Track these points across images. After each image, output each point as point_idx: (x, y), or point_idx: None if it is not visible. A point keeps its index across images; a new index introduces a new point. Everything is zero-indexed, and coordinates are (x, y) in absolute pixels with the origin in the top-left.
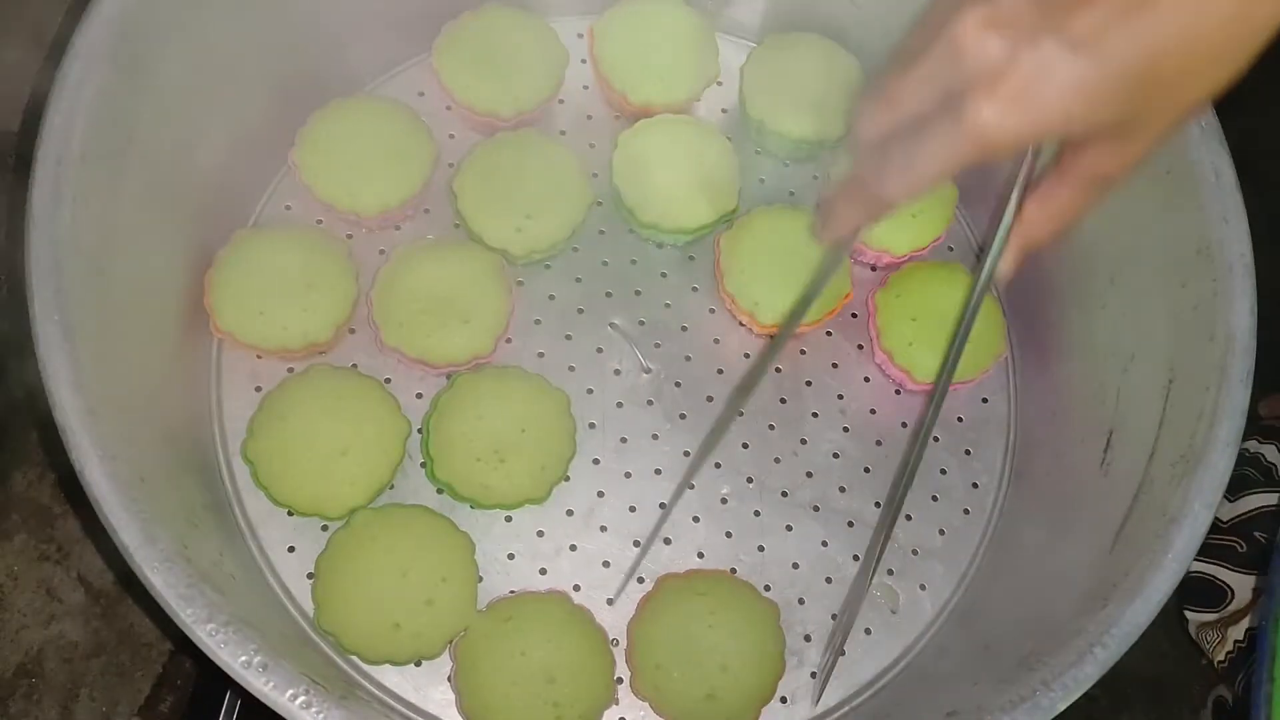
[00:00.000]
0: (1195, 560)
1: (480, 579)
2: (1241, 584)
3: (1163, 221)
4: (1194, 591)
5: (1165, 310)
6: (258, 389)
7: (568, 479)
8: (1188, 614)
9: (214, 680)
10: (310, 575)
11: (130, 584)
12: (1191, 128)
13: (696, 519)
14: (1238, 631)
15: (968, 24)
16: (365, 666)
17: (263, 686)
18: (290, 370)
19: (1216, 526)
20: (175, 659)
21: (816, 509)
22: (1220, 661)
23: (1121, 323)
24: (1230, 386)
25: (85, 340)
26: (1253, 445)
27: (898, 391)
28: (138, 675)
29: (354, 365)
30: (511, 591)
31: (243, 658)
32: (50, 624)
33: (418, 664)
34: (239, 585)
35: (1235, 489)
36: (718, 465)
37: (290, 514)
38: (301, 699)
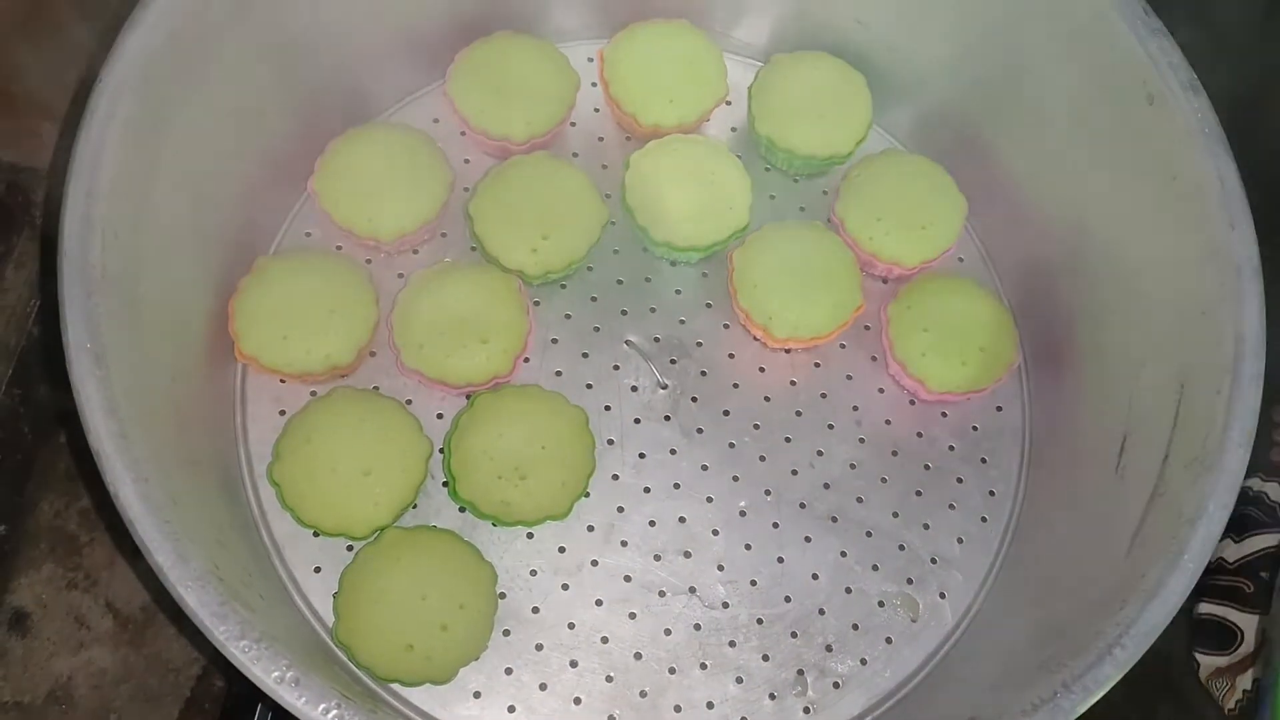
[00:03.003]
0: (1204, 601)
1: (503, 595)
2: (1250, 624)
3: (1170, 227)
4: (1205, 634)
5: (1174, 315)
6: (282, 412)
7: (588, 495)
8: (1199, 658)
9: (242, 703)
10: (335, 594)
11: (159, 608)
12: (1196, 134)
13: (716, 532)
14: (1246, 680)
15: None
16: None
17: (295, 701)
18: (313, 393)
19: (1223, 568)
20: (203, 682)
21: (835, 520)
22: (1230, 710)
23: (1132, 329)
24: (1241, 388)
25: (116, 367)
26: (1256, 484)
27: (912, 402)
28: (166, 699)
29: (375, 387)
30: (501, 595)
31: (275, 673)
32: (79, 651)
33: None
34: (267, 604)
35: (1239, 529)
36: (735, 478)
37: (316, 535)
38: (334, 713)
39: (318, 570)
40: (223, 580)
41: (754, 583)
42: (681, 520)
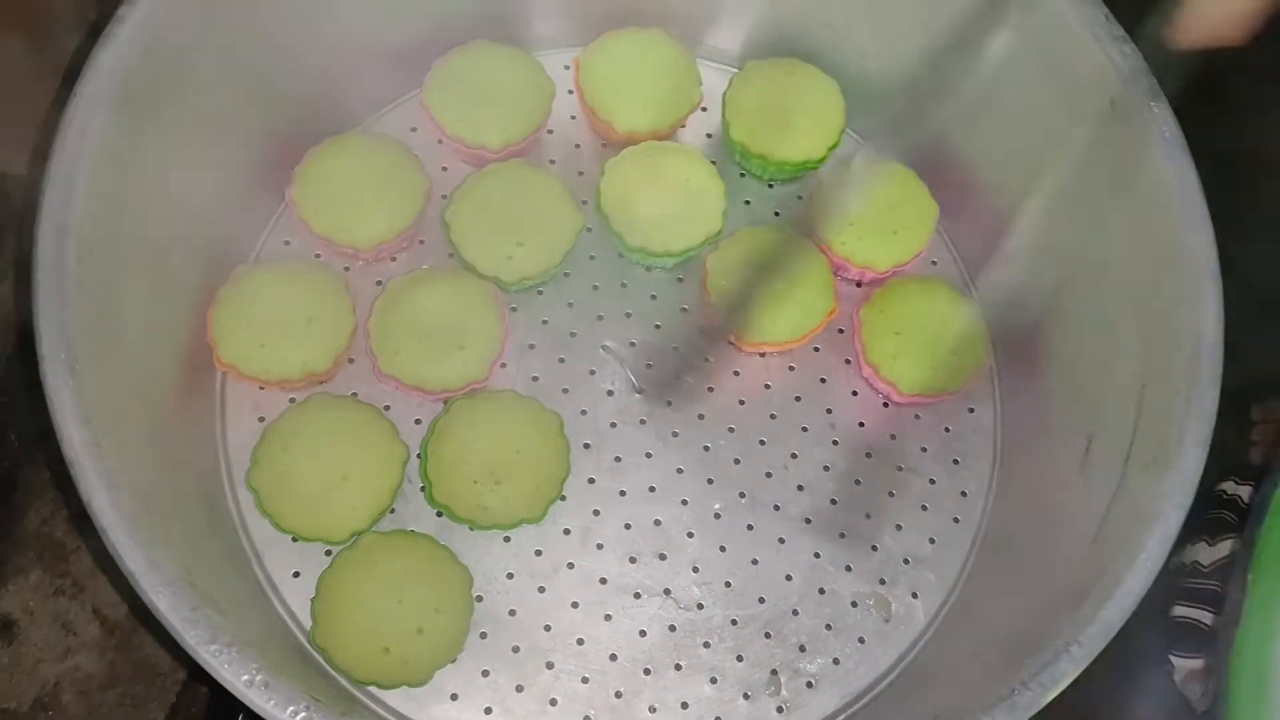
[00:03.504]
0: (1180, 604)
1: (480, 599)
2: None
3: (1132, 232)
4: (1179, 637)
5: (1137, 318)
6: (261, 419)
7: (564, 498)
8: (1174, 660)
9: (225, 707)
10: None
11: (145, 616)
12: (1156, 139)
13: (691, 534)
14: None
15: None
16: (371, 687)
17: (264, 704)
18: (292, 400)
19: (1198, 571)
20: (189, 687)
21: (808, 521)
22: (1205, 712)
23: (1097, 332)
24: (1200, 389)
25: (91, 377)
26: (1230, 487)
27: (885, 404)
28: (153, 705)
29: (354, 394)
30: (479, 598)
31: (245, 676)
32: (66, 657)
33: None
34: (245, 609)
35: (1214, 533)
36: (710, 481)
37: (294, 540)
38: (303, 715)
39: (296, 575)
40: (195, 585)
41: (728, 584)
42: (657, 523)
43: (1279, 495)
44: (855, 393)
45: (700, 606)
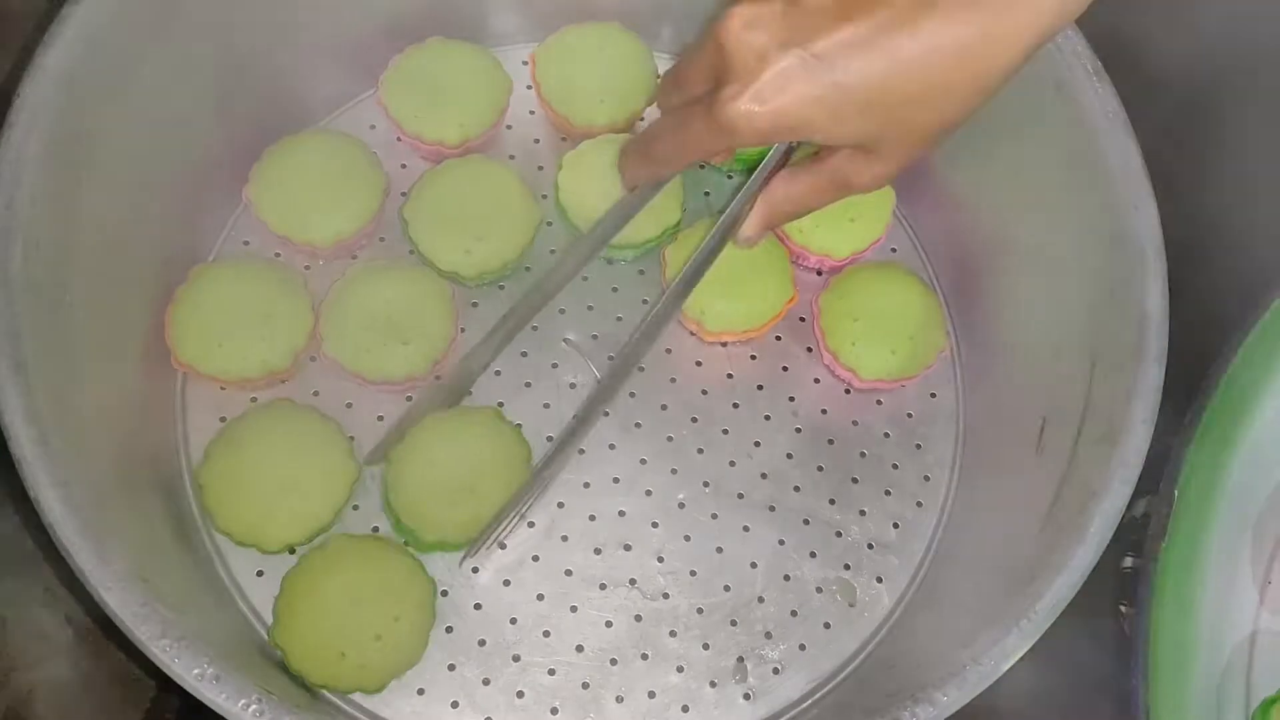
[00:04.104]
0: (1129, 555)
1: (445, 593)
2: None
3: (1078, 213)
4: (1129, 586)
5: (1085, 298)
6: (223, 419)
7: None
8: (1124, 609)
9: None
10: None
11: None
12: (1100, 119)
13: (655, 524)
14: None
15: (731, 22)
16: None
17: (215, 696)
18: (254, 400)
19: (1148, 523)
20: (164, 693)
21: (772, 509)
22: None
23: (1050, 313)
24: (1145, 366)
25: (39, 374)
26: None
27: (847, 391)
28: (128, 711)
29: (316, 392)
30: (444, 592)
31: (196, 670)
32: (39, 665)
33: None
34: (206, 608)
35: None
36: (674, 471)
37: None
38: (254, 707)
39: (260, 574)
40: (148, 582)
41: (693, 573)
42: (621, 514)
43: (1204, 423)
44: (817, 380)
45: (666, 596)
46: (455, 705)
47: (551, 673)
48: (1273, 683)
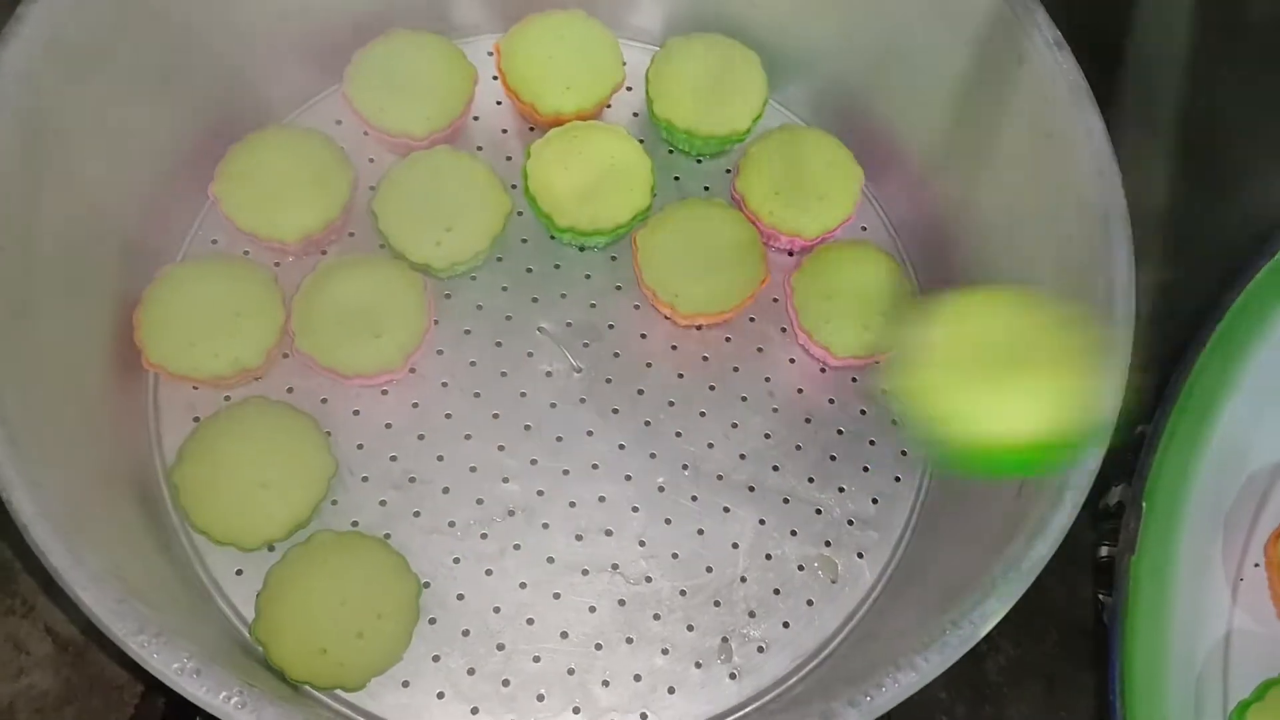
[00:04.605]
0: (1105, 545)
1: (428, 585)
2: None
3: (1044, 183)
4: (1108, 577)
5: (1054, 266)
6: (196, 419)
7: (505, 480)
8: (1103, 599)
9: (181, 714)
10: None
11: (94, 630)
12: (1063, 89)
13: (636, 508)
14: None
15: None
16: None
17: (196, 690)
18: (227, 399)
19: (1121, 512)
20: (146, 700)
21: (752, 489)
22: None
23: (1019, 282)
24: (1113, 329)
25: (5, 377)
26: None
27: (823, 370)
28: (111, 719)
29: (290, 389)
30: (426, 584)
31: (175, 664)
32: (20, 676)
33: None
34: (186, 607)
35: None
36: (653, 455)
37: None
38: (235, 699)
39: (240, 573)
40: (124, 580)
41: (675, 556)
42: (601, 499)
43: (1169, 428)
44: (792, 360)
45: (648, 579)
46: (441, 696)
47: (536, 660)
48: (1248, 685)
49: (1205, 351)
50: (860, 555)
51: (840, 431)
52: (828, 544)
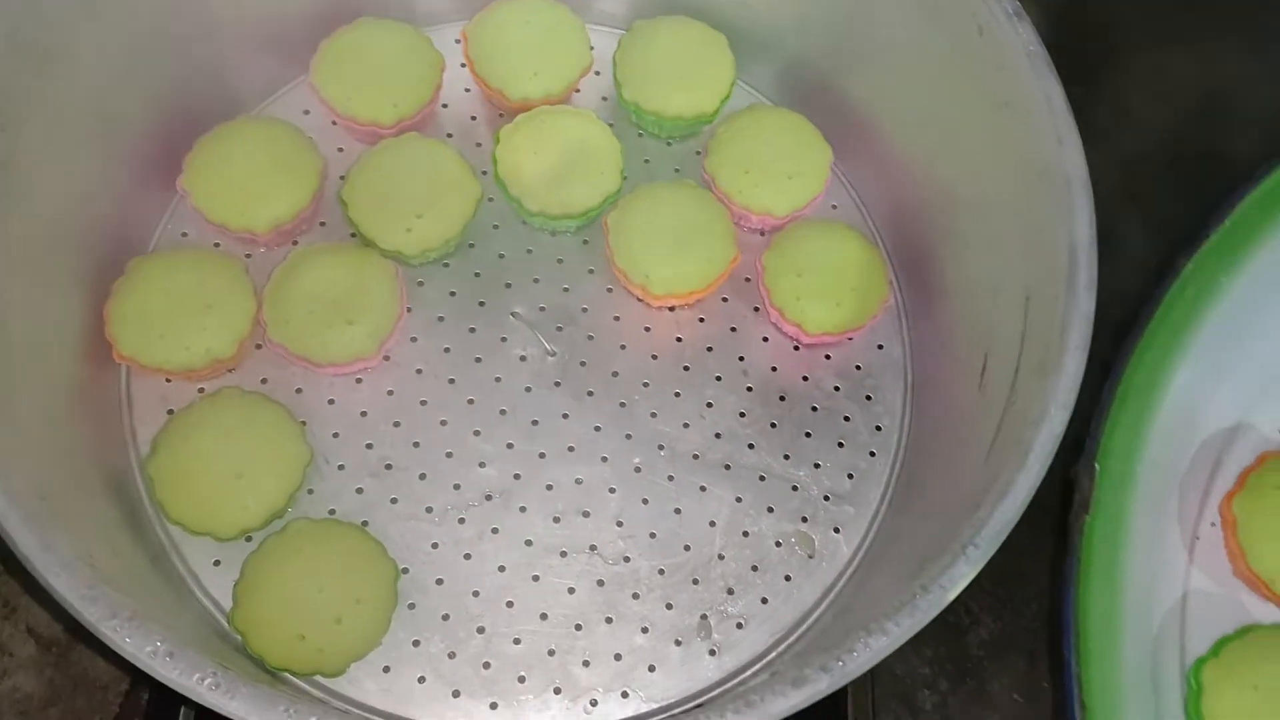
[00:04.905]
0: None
1: (406, 570)
2: None
3: (1007, 151)
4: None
5: (1019, 234)
6: (170, 411)
7: (482, 465)
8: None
9: (164, 707)
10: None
11: (78, 629)
12: (1022, 58)
13: (613, 490)
14: None
15: None
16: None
17: (170, 673)
18: (201, 390)
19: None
20: (130, 697)
21: (728, 467)
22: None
23: (987, 253)
24: (1077, 294)
25: None
26: None
27: (796, 347)
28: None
29: (264, 380)
30: (404, 570)
31: (149, 648)
32: (3, 679)
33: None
34: (166, 600)
35: None
36: (629, 436)
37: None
38: (209, 680)
39: (217, 563)
40: (94, 567)
41: (653, 535)
42: (578, 481)
43: (1121, 389)
44: (766, 339)
45: (627, 559)
46: (422, 680)
47: (517, 642)
48: (1206, 644)
49: (1155, 317)
50: (837, 530)
51: (815, 408)
52: (804, 520)
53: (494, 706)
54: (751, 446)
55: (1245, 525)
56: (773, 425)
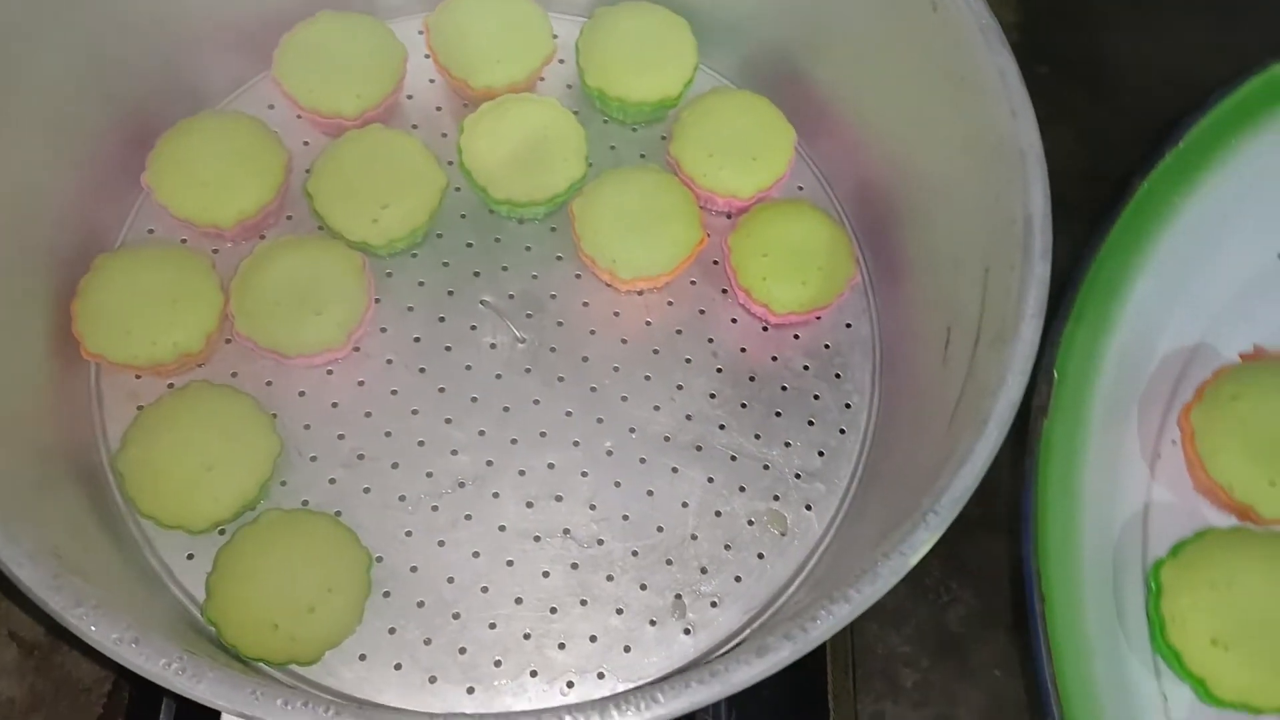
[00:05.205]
0: None
1: (380, 559)
2: None
3: (963, 125)
4: None
5: (976, 206)
6: (139, 408)
7: (455, 453)
8: None
9: (144, 703)
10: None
11: (61, 631)
12: (975, 33)
13: (585, 474)
14: None
15: None
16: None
17: (137, 660)
18: (170, 386)
19: None
20: (114, 697)
21: (699, 449)
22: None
23: (947, 227)
24: (1032, 263)
25: None
26: None
27: (764, 328)
28: None
29: (234, 374)
30: (379, 558)
31: (115, 635)
32: None
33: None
34: (140, 596)
35: None
36: (600, 420)
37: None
38: (175, 665)
39: (190, 557)
40: (62, 559)
41: (626, 517)
42: (550, 466)
43: (1079, 301)
44: (734, 320)
45: (600, 542)
46: (399, 667)
47: (493, 626)
48: (1165, 547)
49: (1113, 233)
50: (808, 508)
51: (784, 388)
52: (776, 498)
53: (470, 691)
54: (722, 427)
55: (1202, 434)
56: (743, 406)
